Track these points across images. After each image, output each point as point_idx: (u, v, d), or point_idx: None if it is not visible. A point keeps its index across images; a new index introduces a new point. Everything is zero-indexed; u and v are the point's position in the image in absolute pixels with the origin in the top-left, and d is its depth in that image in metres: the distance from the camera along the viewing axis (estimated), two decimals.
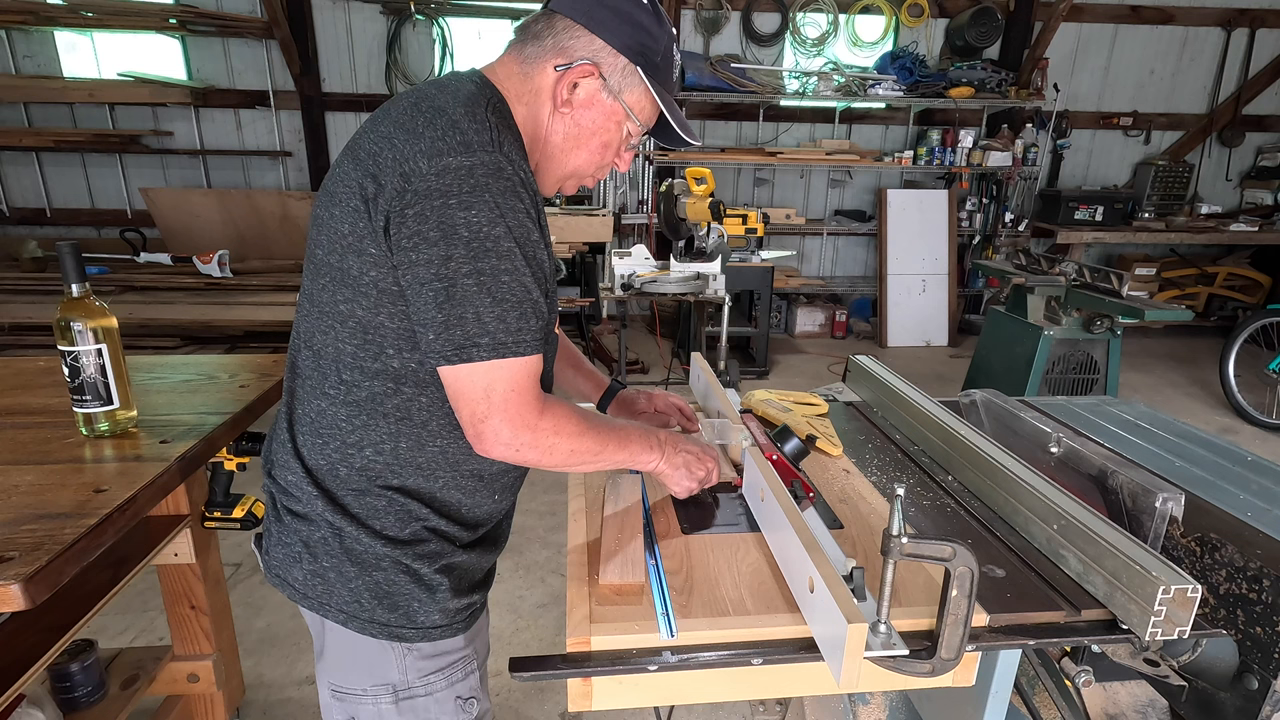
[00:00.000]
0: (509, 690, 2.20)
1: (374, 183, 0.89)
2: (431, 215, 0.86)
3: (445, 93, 0.93)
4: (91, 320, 1.26)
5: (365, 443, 0.98)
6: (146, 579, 1.69)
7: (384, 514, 1.00)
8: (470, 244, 0.86)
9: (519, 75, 1.00)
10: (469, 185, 0.86)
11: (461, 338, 0.88)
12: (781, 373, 5.36)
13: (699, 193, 4.00)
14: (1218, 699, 0.96)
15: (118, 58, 5.61)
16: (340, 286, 0.94)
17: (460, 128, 0.88)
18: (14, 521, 1.04)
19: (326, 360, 0.98)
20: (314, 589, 1.01)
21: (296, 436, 1.03)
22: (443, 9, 5.61)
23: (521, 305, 0.90)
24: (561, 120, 1.00)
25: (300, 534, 1.01)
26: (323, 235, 0.96)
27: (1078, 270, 3.59)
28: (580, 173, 1.07)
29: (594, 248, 5.17)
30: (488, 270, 0.87)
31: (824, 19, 5.91)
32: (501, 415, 0.90)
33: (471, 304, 0.87)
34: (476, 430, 0.91)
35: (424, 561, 1.00)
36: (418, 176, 0.86)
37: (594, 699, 0.87)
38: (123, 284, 4.36)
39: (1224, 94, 6.37)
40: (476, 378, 0.89)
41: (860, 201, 6.47)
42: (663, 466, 1.09)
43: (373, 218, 0.89)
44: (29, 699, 1.40)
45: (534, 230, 0.92)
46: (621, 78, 0.99)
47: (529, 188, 0.92)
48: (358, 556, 0.99)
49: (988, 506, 1.19)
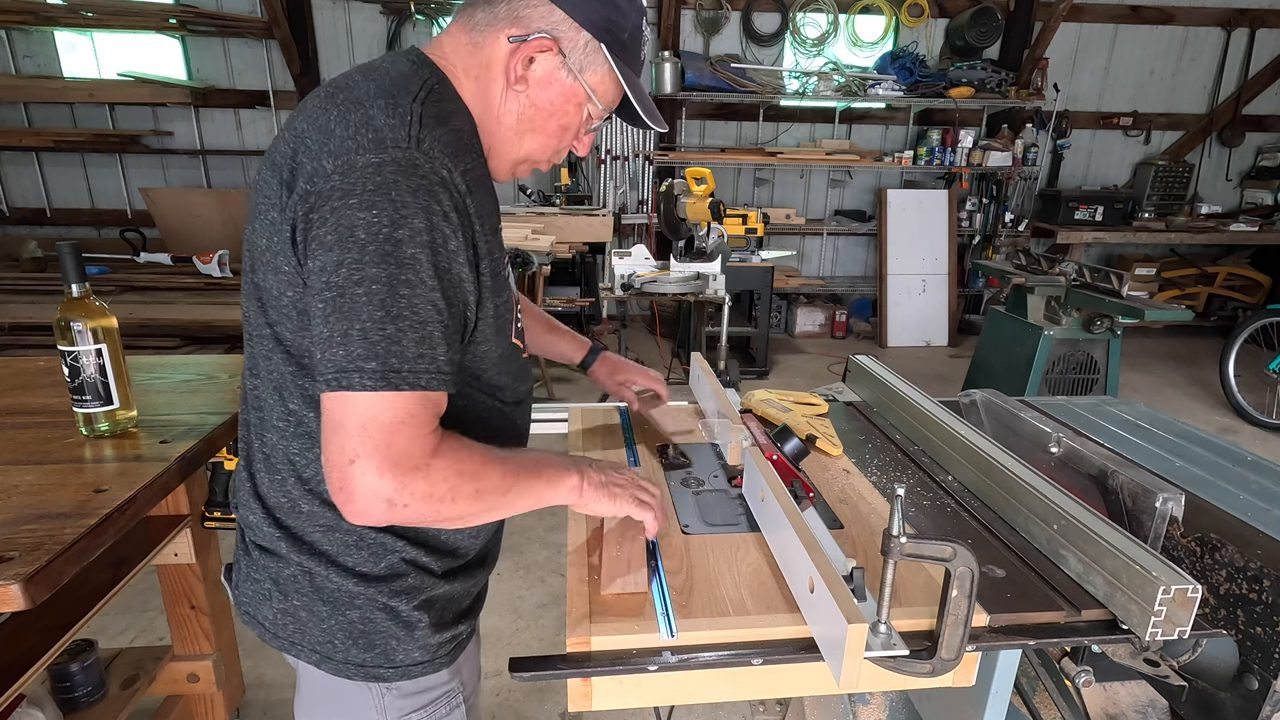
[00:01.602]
0: (509, 690, 2.20)
1: (286, 190, 0.80)
2: (330, 218, 0.75)
3: (370, 80, 0.83)
4: (91, 320, 1.26)
5: (322, 477, 0.84)
6: (146, 579, 1.69)
7: (356, 549, 0.90)
8: (366, 248, 0.73)
9: (468, 47, 0.89)
10: (373, 184, 0.74)
11: (344, 359, 0.73)
12: (781, 373, 5.36)
13: (699, 193, 4.00)
14: (1218, 699, 0.96)
15: (118, 58, 5.61)
16: (267, 308, 0.85)
17: (374, 123, 0.78)
18: (14, 521, 1.04)
19: (270, 389, 0.89)
20: (285, 628, 0.93)
21: (255, 474, 0.94)
22: (443, 9, 5.61)
23: (424, 326, 0.76)
24: (515, 99, 0.90)
25: (269, 570, 0.93)
26: (248, 250, 0.87)
27: (1078, 270, 3.59)
28: (534, 157, 0.97)
29: (594, 248, 5.17)
30: (383, 279, 0.73)
31: (824, 19, 5.91)
32: (378, 458, 0.73)
33: (358, 318, 0.73)
34: (340, 477, 0.74)
35: (401, 598, 0.91)
36: (321, 177, 0.76)
37: (594, 699, 0.87)
38: (123, 284, 4.36)
39: (1224, 94, 6.37)
40: (354, 408, 0.74)
41: (860, 201, 6.47)
42: (588, 491, 0.94)
43: (283, 229, 0.80)
44: (29, 699, 1.40)
45: (452, 238, 0.79)
46: (584, 55, 0.89)
47: (453, 188, 0.79)
48: (329, 595, 0.90)
49: (988, 506, 1.19)
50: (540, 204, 5.54)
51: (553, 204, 5.49)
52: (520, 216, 5.00)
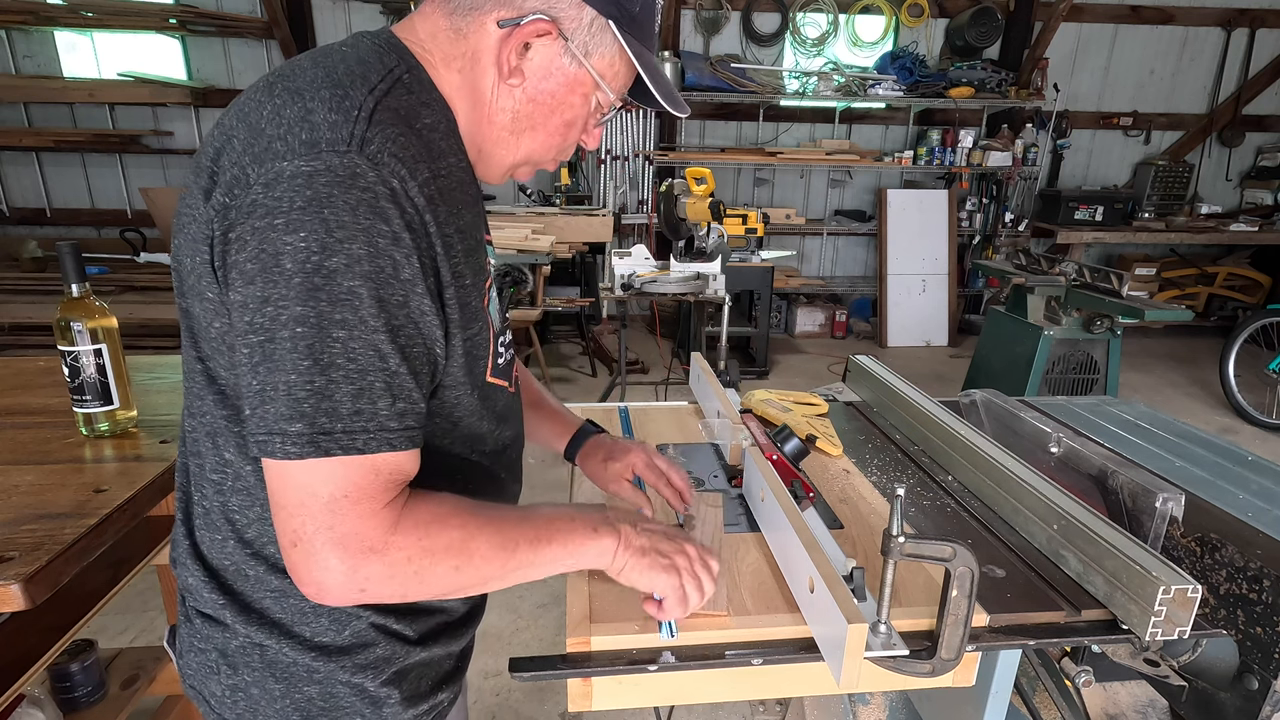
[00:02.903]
0: (509, 690, 2.20)
1: (204, 198, 0.67)
2: (251, 240, 0.62)
3: (320, 66, 0.69)
4: (91, 320, 1.26)
5: (266, 539, 0.76)
6: (146, 579, 1.68)
7: (314, 617, 0.77)
8: (292, 280, 0.60)
9: (448, 33, 0.75)
10: (303, 199, 0.61)
11: (271, 418, 0.62)
12: (781, 373, 5.36)
13: (699, 193, 4.00)
14: (1218, 699, 0.96)
15: (118, 58, 5.61)
16: (198, 340, 0.73)
17: (312, 119, 0.64)
18: (14, 521, 1.04)
19: (204, 434, 0.76)
20: (235, 706, 0.79)
21: (194, 530, 0.81)
22: None
23: (364, 376, 0.63)
24: (509, 95, 0.76)
25: (214, 641, 0.80)
26: (174, 270, 0.73)
27: (1078, 270, 3.60)
28: (537, 158, 0.83)
29: (594, 248, 5.18)
30: (313, 320, 0.61)
31: (824, 19, 5.91)
32: (320, 540, 0.63)
33: (283, 369, 0.61)
34: (291, 562, 0.65)
35: (367, 673, 0.78)
36: (242, 188, 0.63)
37: (594, 699, 0.87)
38: (123, 284, 4.37)
39: (1224, 94, 6.37)
40: (289, 478, 0.63)
41: (860, 201, 6.47)
42: (624, 555, 0.80)
43: (203, 248, 0.67)
44: (29, 699, 1.40)
45: (405, 265, 0.65)
46: (589, 36, 0.74)
47: (405, 203, 0.65)
48: (283, 671, 0.77)
49: (988, 506, 1.19)
50: (540, 204, 5.54)
51: (553, 204, 5.50)
52: (520, 216, 5.01)
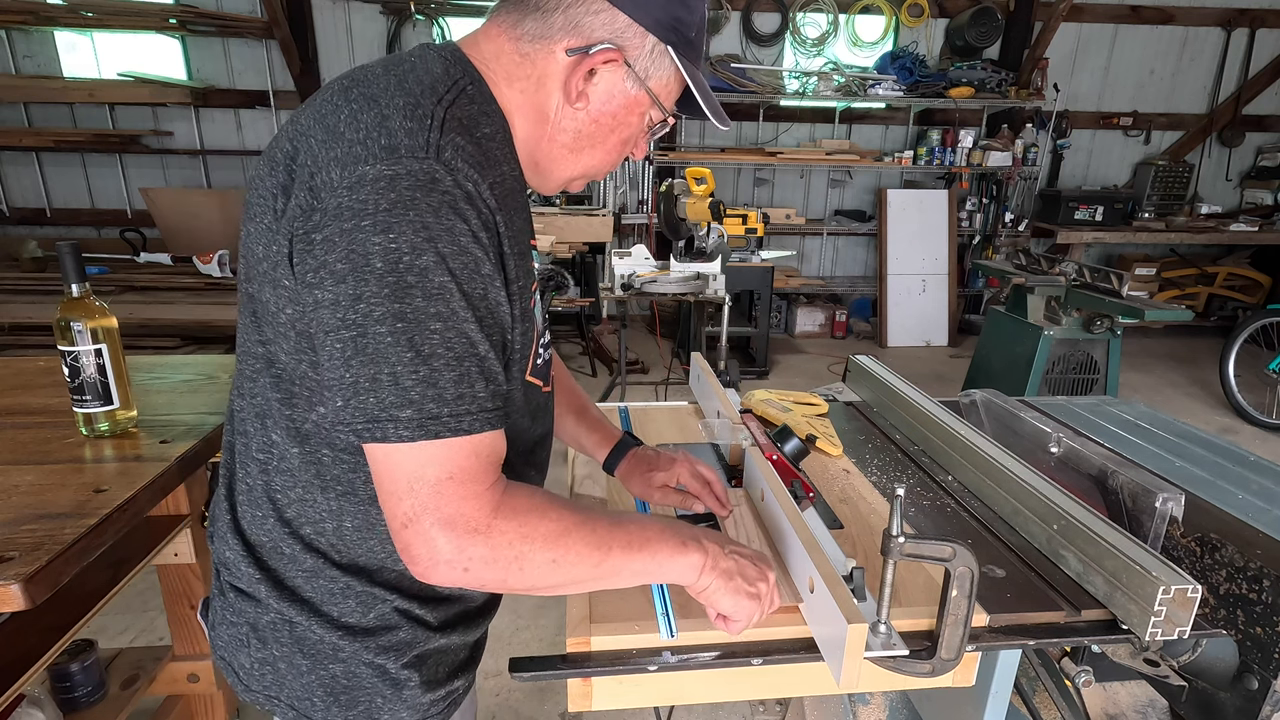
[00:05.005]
0: (509, 690, 2.20)
1: (282, 195, 0.71)
2: (340, 241, 0.66)
3: (391, 74, 0.74)
4: (91, 320, 1.26)
5: (304, 520, 0.81)
6: (146, 579, 1.68)
7: (343, 598, 0.82)
8: (385, 279, 0.65)
9: (513, 56, 0.79)
10: (388, 201, 0.65)
11: (375, 408, 0.66)
12: (781, 373, 5.36)
13: (699, 193, 4.00)
14: (1218, 699, 0.96)
15: (118, 58, 5.60)
16: (259, 323, 0.77)
17: (389, 126, 0.68)
18: (14, 521, 1.04)
19: (253, 415, 0.81)
20: (262, 679, 0.85)
21: (236, 505, 0.86)
22: (443, 9, 5.61)
23: (461, 363, 0.68)
24: (573, 116, 0.81)
25: (247, 615, 0.85)
26: (244, 256, 0.78)
27: (1078, 270, 3.60)
28: (594, 172, 0.89)
29: (594, 248, 5.17)
30: (410, 314, 0.66)
31: (824, 19, 5.91)
32: (429, 520, 0.68)
33: (387, 361, 0.66)
34: (402, 542, 0.69)
35: (390, 655, 0.83)
36: (328, 190, 0.67)
37: (594, 699, 0.87)
38: (123, 284, 4.36)
39: (1224, 94, 6.37)
40: (398, 464, 0.68)
41: (860, 201, 6.47)
42: (709, 575, 0.81)
43: (280, 240, 0.72)
44: (29, 699, 1.40)
45: (485, 261, 0.70)
46: (650, 61, 0.80)
47: (481, 204, 0.71)
48: (310, 648, 0.82)
49: (988, 506, 1.19)
50: (540, 204, 5.54)
51: (553, 204, 5.49)
52: None
